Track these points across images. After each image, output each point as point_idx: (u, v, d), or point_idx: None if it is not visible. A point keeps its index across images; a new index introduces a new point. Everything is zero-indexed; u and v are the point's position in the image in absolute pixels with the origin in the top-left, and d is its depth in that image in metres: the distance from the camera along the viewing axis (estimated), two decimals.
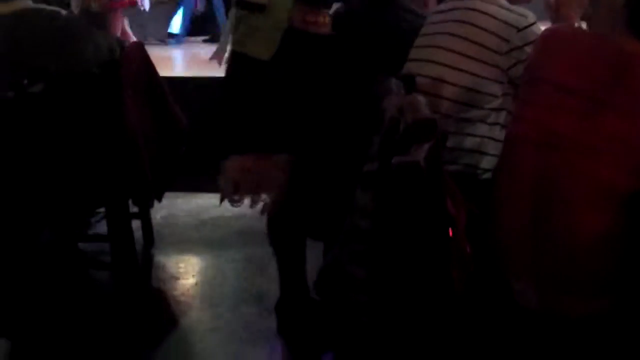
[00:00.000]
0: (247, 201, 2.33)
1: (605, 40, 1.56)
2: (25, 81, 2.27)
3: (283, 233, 2.30)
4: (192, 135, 3.19)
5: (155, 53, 3.71)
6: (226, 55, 2.49)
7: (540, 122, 1.56)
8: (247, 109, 2.17)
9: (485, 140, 1.99)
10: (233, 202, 2.26)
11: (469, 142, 1.98)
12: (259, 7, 2.16)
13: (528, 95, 1.62)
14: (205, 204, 3.75)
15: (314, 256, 2.37)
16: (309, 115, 2.13)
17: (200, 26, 8.89)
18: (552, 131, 1.53)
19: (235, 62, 2.24)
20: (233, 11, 2.29)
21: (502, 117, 1.99)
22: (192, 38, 8.09)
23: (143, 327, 2.60)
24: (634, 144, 1.47)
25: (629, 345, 1.52)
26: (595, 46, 1.56)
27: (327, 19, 2.17)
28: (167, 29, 8.71)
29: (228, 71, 2.34)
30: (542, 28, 1.96)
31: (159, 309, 2.74)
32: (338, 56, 2.17)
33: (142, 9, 5.59)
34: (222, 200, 2.29)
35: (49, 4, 2.79)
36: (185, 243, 3.32)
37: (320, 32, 2.15)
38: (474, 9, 2.02)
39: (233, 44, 2.29)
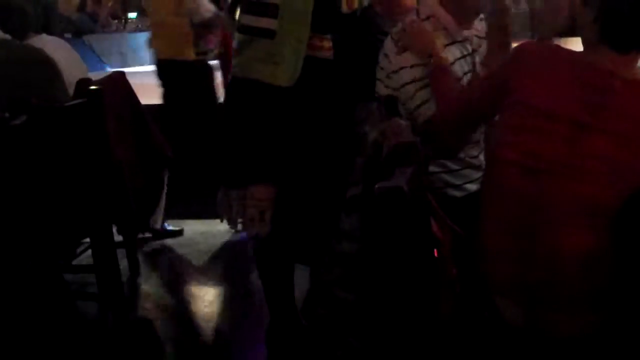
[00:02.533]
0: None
1: (583, 60, 1.57)
2: (7, 114, 2.26)
3: (270, 258, 2.29)
4: (176, 163, 3.20)
5: (137, 80, 3.72)
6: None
7: (525, 147, 1.55)
8: (263, 136, 2.13)
9: None
10: (263, 230, 2.22)
11: None
12: (268, 32, 2.09)
13: (510, 119, 1.61)
14: (191, 231, 3.75)
15: (301, 280, 2.37)
16: (301, 140, 2.13)
17: None
18: (538, 155, 1.53)
19: (244, 89, 2.17)
20: (236, 36, 2.23)
21: None
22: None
23: (130, 357, 2.58)
24: (621, 164, 1.49)
25: None
26: (575, 67, 1.56)
27: (330, 44, 2.18)
28: (146, 56, 8.74)
29: (234, 98, 2.21)
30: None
31: (145, 338, 2.72)
32: (338, 80, 2.18)
33: None
34: (248, 229, 2.25)
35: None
36: (171, 271, 3.30)
37: (325, 56, 2.16)
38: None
39: (237, 70, 2.15)
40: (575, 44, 1.66)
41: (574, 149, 1.50)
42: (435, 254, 1.48)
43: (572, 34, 1.90)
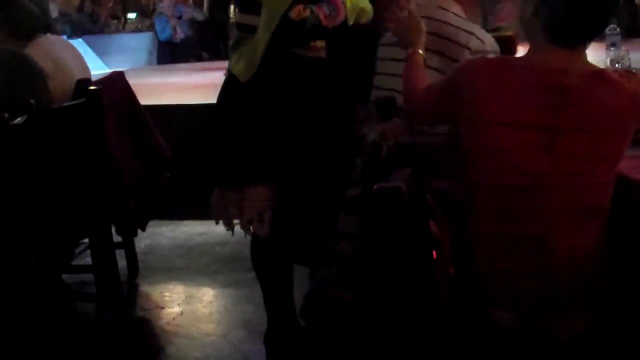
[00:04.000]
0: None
1: (532, 64, 1.53)
2: (7, 114, 2.26)
3: (267, 259, 2.29)
4: (175, 163, 3.20)
5: (136, 81, 3.72)
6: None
7: (501, 165, 1.52)
8: (253, 136, 2.12)
9: None
10: (259, 231, 2.20)
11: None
12: (253, 29, 2.10)
13: (480, 140, 1.55)
14: (190, 232, 3.75)
15: (299, 281, 2.38)
16: (296, 140, 2.13)
17: (182, 53, 8.96)
18: (518, 172, 1.51)
19: (231, 86, 2.18)
20: (234, 33, 2.26)
21: None
22: (176, 65, 8.15)
23: (129, 357, 2.58)
24: (600, 157, 1.49)
25: None
26: (526, 73, 1.52)
27: (324, 44, 2.18)
28: (146, 57, 8.73)
29: (225, 96, 2.24)
30: None
31: (144, 339, 2.72)
32: (333, 80, 2.18)
33: None
34: (247, 230, 2.23)
35: None
36: (170, 271, 3.30)
37: (318, 55, 2.17)
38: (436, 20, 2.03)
39: (231, 66, 2.19)
40: None
41: (554, 155, 1.48)
42: (434, 255, 1.48)
43: None
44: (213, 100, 2.30)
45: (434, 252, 1.47)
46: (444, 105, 1.65)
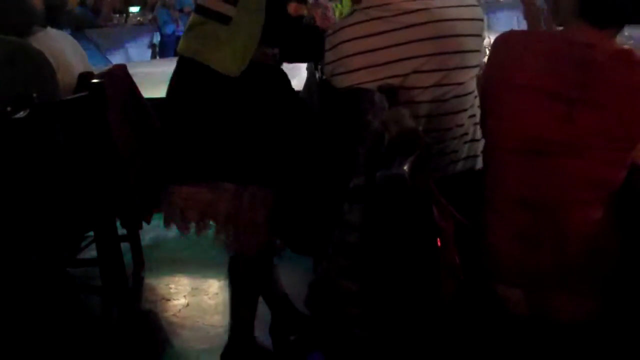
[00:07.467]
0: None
1: (562, 37, 1.57)
2: (9, 108, 2.26)
3: (248, 275, 2.27)
4: None
5: (138, 74, 3.71)
6: None
7: (521, 129, 1.56)
8: (206, 127, 2.08)
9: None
10: (181, 230, 2.23)
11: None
12: (224, 18, 2.04)
13: (501, 103, 1.61)
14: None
15: (303, 270, 2.38)
16: (293, 134, 2.12)
17: None
18: (535, 137, 1.53)
19: (192, 71, 2.10)
20: (192, 15, 2.20)
21: None
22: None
23: (135, 350, 2.59)
24: (614, 135, 1.49)
25: (621, 350, 1.52)
26: (554, 44, 1.57)
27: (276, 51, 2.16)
28: (148, 50, 8.73)
29: (179, 80, 2.17)
30: None
31: (150, 331, 2.72)
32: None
33: None
34: (169, 225, 2.27)
35: None
36: (175, 264, 3.31)
37: (268, 62, 2.15)
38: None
39: (184, 50, 2.12)
40: None
41: (569, 127, 1.50)
42: (438, 243, 1.47)
43: None
44: None
45: (438, 240, 1.47)
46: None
